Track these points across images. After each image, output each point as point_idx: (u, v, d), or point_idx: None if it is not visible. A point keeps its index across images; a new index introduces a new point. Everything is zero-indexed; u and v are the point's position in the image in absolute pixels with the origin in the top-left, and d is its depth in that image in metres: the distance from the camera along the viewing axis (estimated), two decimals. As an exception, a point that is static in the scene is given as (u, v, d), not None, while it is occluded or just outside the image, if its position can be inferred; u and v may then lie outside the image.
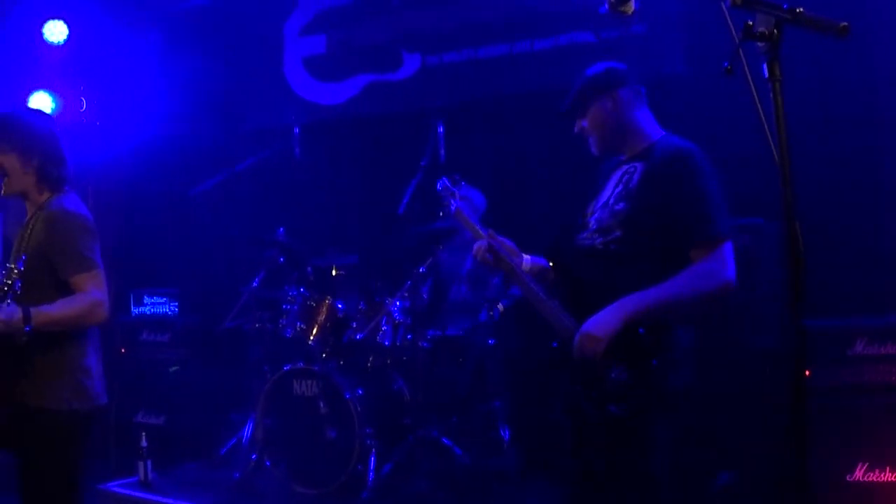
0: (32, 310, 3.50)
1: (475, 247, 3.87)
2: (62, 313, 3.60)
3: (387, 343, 5.95)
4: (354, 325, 6.04)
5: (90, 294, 3.65)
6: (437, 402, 5.95)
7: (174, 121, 7.57)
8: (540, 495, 5.77)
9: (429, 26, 7.13)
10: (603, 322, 3.25)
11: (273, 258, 6.34)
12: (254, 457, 6.01)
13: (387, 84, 7.23)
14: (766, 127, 2.40)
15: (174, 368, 6.88)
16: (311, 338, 6.04)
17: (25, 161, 3.81)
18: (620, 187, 3.52)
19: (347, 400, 5.68)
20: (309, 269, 6.29)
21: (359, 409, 5.68)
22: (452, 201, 4.09)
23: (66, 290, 3.68)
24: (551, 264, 3.78)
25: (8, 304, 3.43)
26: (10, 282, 3.41)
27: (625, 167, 3.57)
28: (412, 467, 5.75)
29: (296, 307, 6.11)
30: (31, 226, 3.80)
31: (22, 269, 3.45)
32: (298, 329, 6.05)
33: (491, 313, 5.92)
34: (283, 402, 5.91)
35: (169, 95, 7.59)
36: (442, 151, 5.91)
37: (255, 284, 6.35)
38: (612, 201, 3.52)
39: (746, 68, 2.46)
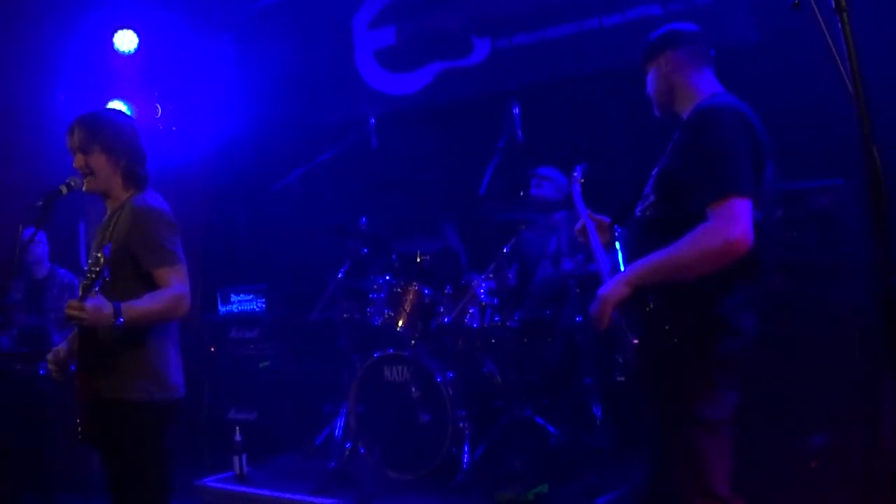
0: (122, 304, 3.55)
1: (577, 225, 4.04)
2: (149, 308, 3.65)
3: (475, 325, 6.07)
4: (441, 310, 6.14)
5: (174, 288, 3.72)
6: (528, 382, 5.99)
7: (251, 120, 7.78)
8: (638, 471, 5.81)
9: (497, 9, 7.22)
10: (608, 287, 3.33)
11: (357, 248, 6.42)
12: (348, 445, 6.11)
13: (459, 70, 7.35)
14: (839, 65, 2.37)
15: (264, 364, 7.04)
16: (400, 324, 6.15)
17: (113, 160, 3.89)
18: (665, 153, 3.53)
19: (439, 384, 5.76)
20: (394, 256, 6.39)
21: (450, 392, 5.75)
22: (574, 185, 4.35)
23: (148, 282, 3.75)
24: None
25: (96, 293, 3.46)
26: (97, 269, 3.43)
27: (676, 131, 3.54)
28: (506, 448, 5.80)
29: (382, 295, 6.22)
30: (113, 221, 3.85)
31: (108, 256, 3.47)
32: (386, 316, 6.17)
33: (577, 289, 5.98)
34: (375, 389, 6.03)
35: (244, 95, 7.79)
36: (519, 132, 5.96)
37: (340, 275, 6.43)
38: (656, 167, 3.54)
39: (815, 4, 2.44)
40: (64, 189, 3.89)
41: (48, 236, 7.20)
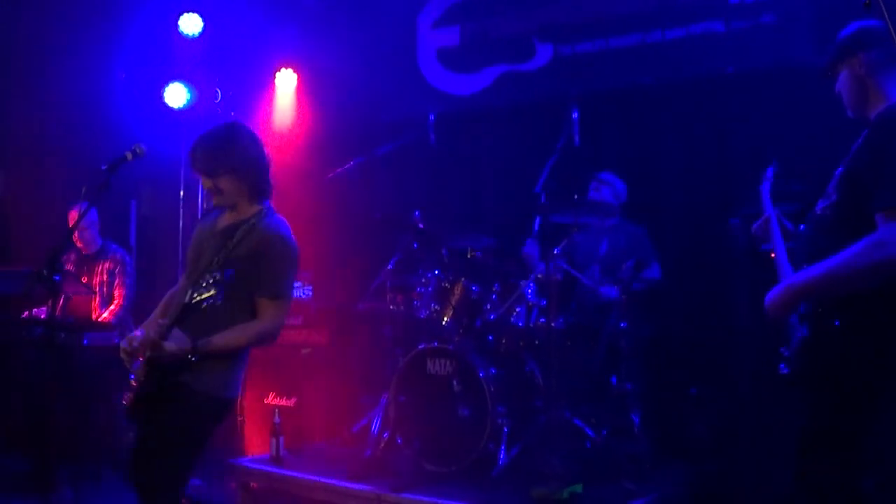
0: (201, 342, 3.73)
1: (758, 222, 4.19)
2: (231, 345, 3.85)
3: (520, 324, 6.26)
4: (488, 307, 6.33)
5: (266, 323, 3.90)
6: (569, 384, 6.14)
7: (312, 111, 8.05)
8: (671, 479, 6.02)
9: (561, 17, 7.47)
10: (773, 296, 3.50)
11: (408, 241, 6.64)
12: (385, 435, 6.24)
13: (520, 74, 7.60)
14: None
15: (307, 350, 7.28)
16: (445, 319, 6.34)
17: (240, 179, 3.98)
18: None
19: (481, 379, 5.91)
20: (444, 251, 6.56)
21: (492, 388, 5.90)
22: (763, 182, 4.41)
23: (250, 304, 3.93)
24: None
25: (169, 330, 3.64)
26: (209, 291, 3.66)
27: (863, 132, 3.54)
28: (542, 448, 5.91)
29: (430, 289, 6.42)
30: (237, 237, 3.92)
31: (227, 280, 3.67)
32: (433, 310, 6.37)
33: (624, 295, 6.21)
34: (417, 381, 6.18)
35: (304, 86, 8.07)
36: (576, 136, 6.23)
37: (390, 266, 6.64)
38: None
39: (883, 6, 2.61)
40: (129, 155, 4.12)
41: (99, 212, 7.52)
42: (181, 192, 8.32)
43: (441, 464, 6.01)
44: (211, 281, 3.71)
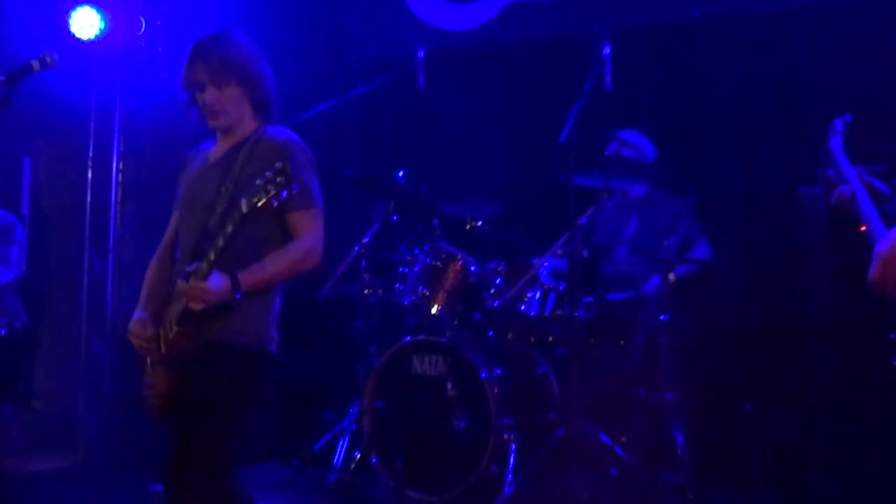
0: (241, 275, 3.64)
1: (838, 190, 4.11)
2: (273, 272, 3.77)
3: (532, 313, 5.80)
4: (492, 292, 5.87)
5: (305, 239, 3.81)
6: (594, 390, 5.61)
7: (270, 48, 7.45)
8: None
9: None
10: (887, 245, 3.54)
11: (389, 208, 6.21)
12: (357, 454, 5.87)
13: (530, 5, 7.10)
14: None
15: None
16: (436, 306, 5.89)
17: (248, 90, 3.94)
18: None
19: (483, 381, 5.44)
20: (435, 221, 6.15)
21: (497, 393, 5.44)
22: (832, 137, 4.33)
23: (281, 224, 3.83)
24: None
25: (211, 275, 3.56)
26: (232, 225, 3.52)
27: None
28: (560, 472, 5.47)
29: (417, 268, 5.99)
30: (242, 156, 3.85)
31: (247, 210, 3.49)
32: (420, 295, 5.91)
33: (668, 278, 5.73)
34: (399, 384, 5.75)
35: (252, 13, 7.43)
36: (608, 78, 5.64)
37: (366, 240, 6.18)
38: None
39: None
40: (36, 65, 3.80)
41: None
42: (90, 150, 7.79)
43: (429, 490, 5.59)
44: (229, 217, 3.59)
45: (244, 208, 3.48)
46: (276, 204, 3.45)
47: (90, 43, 7.41)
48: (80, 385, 7.48)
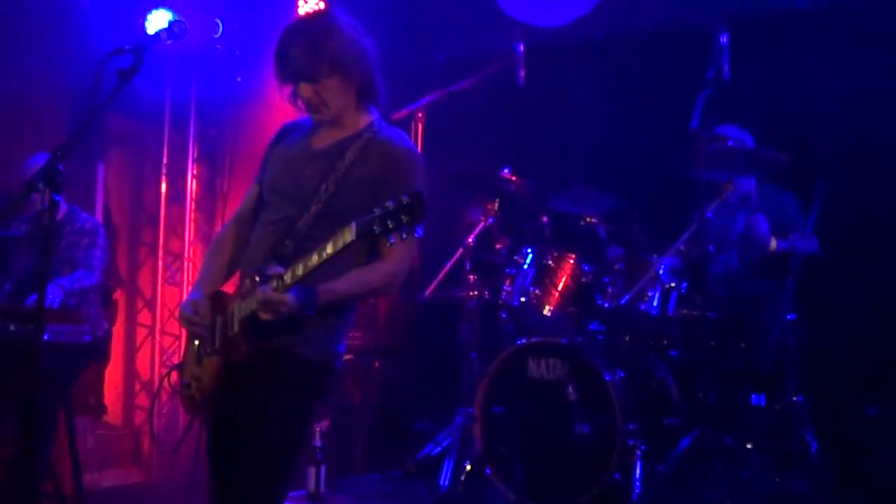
0: (320, 291, 3.32)
1: None
2: (350, 292, 3.46)
3: (653, 313, 5.53)
4: (611, 291, 5.61)
5: (390, 265, 3.47)
6: (718, 394, 5.46)
7: None
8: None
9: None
10: None
11: (494, 206, 5.99)
12: (467, 463, 5.61)
13: None
14: None
15: (348, 356, 6.45)
16: (548, 308, 5.68)
17: (348, 79, 3.52)
18: None
19: (607, 384, 5.19)
20: (545, 219, 5.92)
21: (622, 397, 5.18)
22: None
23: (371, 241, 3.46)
24: None
25: (293, 289, 3.26)
26: (340, 242, 3.13)
27: None
28: (688, 479, 5.24)
29: (526, 269, 5.75)
30: (351, 155, 3.50)
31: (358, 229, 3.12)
32: (532, 296, 5.68)
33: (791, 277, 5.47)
34: (514, 388, 5.53)
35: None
36: (726, 66, 5.39)
37: (470, 240, 5.94)
38: None
39: None
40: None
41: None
42: (164, 157, 7.56)
43: (548, 500, 5.36)
44: (317, 216, 3.39)
45: (351, 235, 3.11)
46: (392, 241, 3.09)
47: (166, 45, 7.13)
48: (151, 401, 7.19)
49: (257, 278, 3.29)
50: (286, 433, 3.45)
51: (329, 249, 3.14)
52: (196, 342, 3.54)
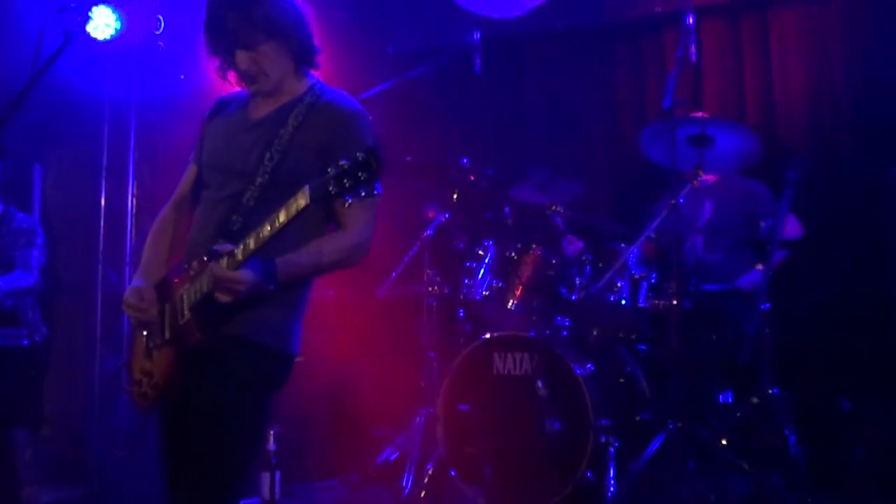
0: (280, 263, 3.13)
1: None
2: (313, 265, 3.26)
3: (623, 304, 5.33)
4: (578, 282, 5.39)
5: (354, 233, 3.28)
6: (692, 388, 5.20)
7: None
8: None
9: None
10: None
11: (453, 197, 5.78)
12: (430, 466, 5.37)
13: None
14: None
15: (298, 359, 6.20)
16: (511, 301, 5.45)
17: (285, 44, 3.37)
18: None
19: (578, 378, 4.97)
20: (507, 209, 5.72)
21: (594, 391, 4.97)
22: None
23: (326, 206, 3.32)
24: None
25: (247, 263, 3.07)
26: (286, 214, 2.98)
27: None
28: (663, 477, 5.01)
29: (488, 260, 5.53)
30: (294, 120, 3.34)
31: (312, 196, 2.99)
32: (494, 289, 5.46)
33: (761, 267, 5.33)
34: (479, 385, 5.30)
35: None
36: (693, 49, 5.23)
37: (428, 233, 5.71)
38: None
39: None
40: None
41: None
42: (104, 157, 7.11)
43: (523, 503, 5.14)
44: (263, 187, 3.21)
45: (305, 199, 2.96)
46: (349, 201, 2.92)
47: (106, 43, 6.84)
48: (93, 408, 6.81)
49: (205, 258, 3.10)
50: (244, 425, 3.23)
51: (282, 218, 2.98)
52: (144, 334, 3.33)
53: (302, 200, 2.90)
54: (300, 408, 6.20)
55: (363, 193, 2.89)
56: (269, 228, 2.99)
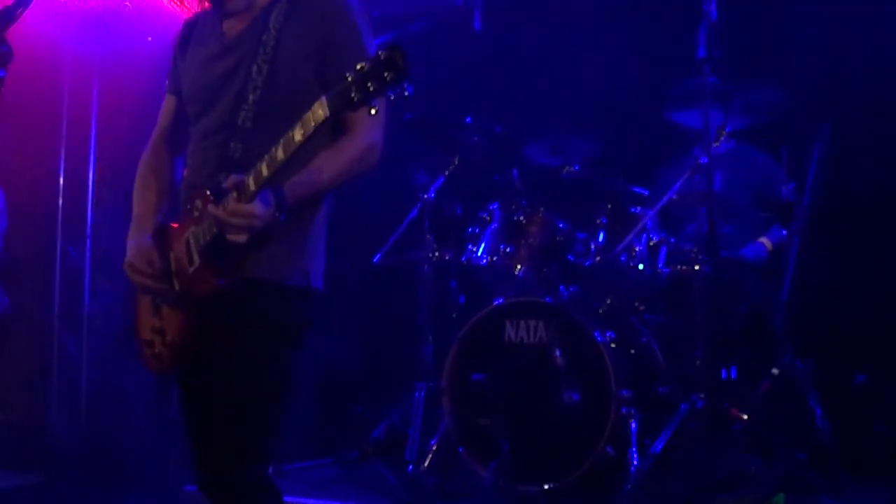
0: (287, 188, 2.84)
1: None
2: (326, 179, 2.95)
3: (641, 271, 5.09)
4: (592, 247, 5.15)
5: (364, 135, 2.96)
6: (713, 360, 4.99)
7: None
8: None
9: None
10: None
11: (456, 157, 5.45)
12: (433, 442, 5.06)
13: None
14: None
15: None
16: (519, 267, 5.16)
17: None
18: None
19: (599, 345, 4.69)
20: (514, 171, 5.42)
21: (615, 360, 4.69)
22: None
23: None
24: None
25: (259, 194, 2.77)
26: (293, 141, 2.66)
27: None
28: (689, 448, 4.77)
29: (495, 224, 5.25)
30: (275, 22, 3.02)
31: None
32: (501, 253, 5.17)
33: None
34: (490, 355, 4.98)
35: None
36: (713, 8, 4.97)
37: (430, 195, 5.39)
38: None
39: None
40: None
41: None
42: (63, 125, 6.80)
43: (537, 480, 4.76)
44: (258, 103, 2.93)
45: (325, 111, 2.59)
46: (375, 107, 2.55)
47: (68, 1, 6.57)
48: (51, 389, 6.46)
49: (209, 194, 2.83)
50: (276, 378, 2.98)
51: (297, 136, 2.65)
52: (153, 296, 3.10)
53: (321, 112, 2.56)
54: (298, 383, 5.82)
55: (392, 97, 2.55)
56: (282, 153, 2.69)
